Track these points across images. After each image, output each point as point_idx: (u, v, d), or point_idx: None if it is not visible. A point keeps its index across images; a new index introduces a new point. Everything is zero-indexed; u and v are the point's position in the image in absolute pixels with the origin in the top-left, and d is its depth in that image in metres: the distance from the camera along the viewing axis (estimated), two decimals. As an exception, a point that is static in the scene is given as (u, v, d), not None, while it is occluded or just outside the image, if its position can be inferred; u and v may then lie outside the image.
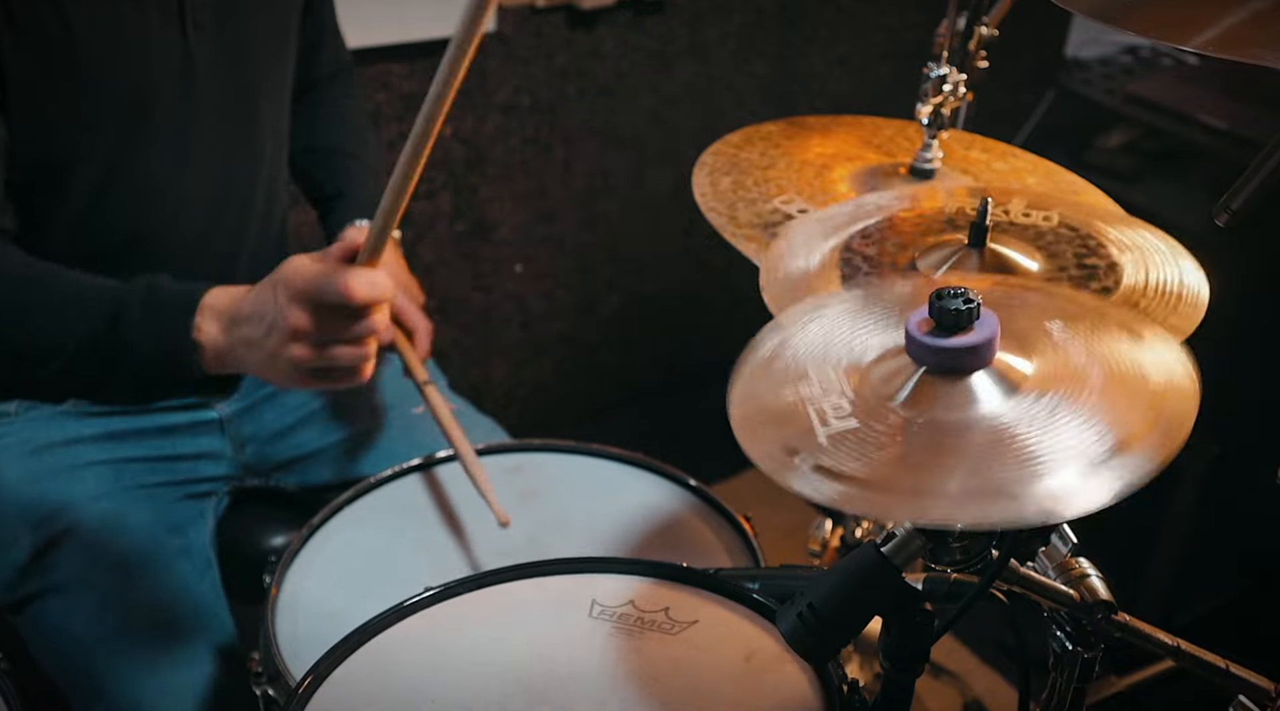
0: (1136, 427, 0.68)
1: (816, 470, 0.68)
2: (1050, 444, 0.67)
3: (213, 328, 0.98)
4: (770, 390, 0.75)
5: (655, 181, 2.18)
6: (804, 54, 2.26)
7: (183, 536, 1.20)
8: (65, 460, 1.17)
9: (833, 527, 1.47)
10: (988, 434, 0.69)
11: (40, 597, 1.12)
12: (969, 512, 0.67)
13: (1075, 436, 0.68)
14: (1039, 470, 0.66)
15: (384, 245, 0.98)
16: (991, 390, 0.71)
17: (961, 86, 1.23)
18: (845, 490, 0.67)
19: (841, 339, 0.78)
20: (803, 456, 0.69)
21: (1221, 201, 0.81)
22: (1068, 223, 1.10)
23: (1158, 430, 0.67)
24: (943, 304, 0.71)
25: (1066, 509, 0.64)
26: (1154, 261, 1.02)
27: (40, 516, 1.14)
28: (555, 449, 1.26)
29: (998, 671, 1.88)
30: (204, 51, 1.11)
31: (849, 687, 0.86)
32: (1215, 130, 1.97)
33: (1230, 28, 0.75)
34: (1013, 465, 0.67)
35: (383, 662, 0.90)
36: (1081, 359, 0.73)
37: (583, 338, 2.25)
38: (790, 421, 0.72)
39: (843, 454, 0.69)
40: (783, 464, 0.69)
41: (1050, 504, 0.64)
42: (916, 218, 1.10)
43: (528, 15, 1.89)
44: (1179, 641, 0.81)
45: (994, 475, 0.67)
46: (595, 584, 0.97)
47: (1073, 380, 0.72)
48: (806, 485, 0.68)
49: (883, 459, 0.69)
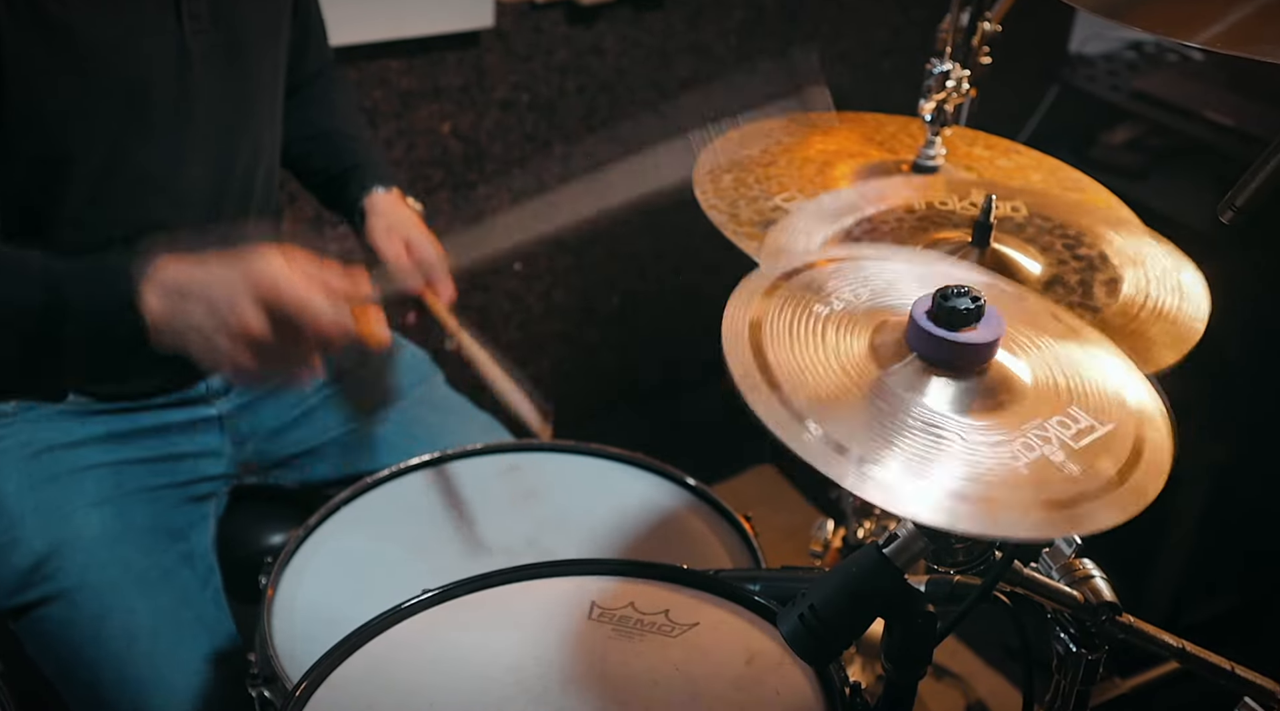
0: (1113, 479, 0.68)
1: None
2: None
3: (158, 302, 0.92)
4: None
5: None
6: (805, 50, 2.25)
7: (185, 542, 1.19)
8: (66, 463, 1.16)
9: (834, 528, 1.46)
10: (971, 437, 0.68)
11: (43, 605, 1.11)
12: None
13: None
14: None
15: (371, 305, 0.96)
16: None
17: (965, 82, 1.22)
18: None
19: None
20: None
21: (1227, 198, 0.80)
22: (1040, 213, 1.10)
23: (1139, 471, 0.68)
24: (948, 303, 0.70)
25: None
26: (1154, 277, 1.02)
27: (42, 522, 1.13)
28: (554, 448, 1.26)
29: (1001, 673, 1.88)
30: (199, 44, 1.10)
31: (851, 690, 0.85)
32: (1221, 126, 1.96)
33: (1237, 23, 0.74)
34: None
35: (380, 665, 0.89)
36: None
37: (582, 337, 2.24)
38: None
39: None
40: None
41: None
42: (917, 216, 1.10)
43: (527, 11, 1.88)
44: (1184, 643, 0.80)
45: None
46: (594, 586, 0.97)
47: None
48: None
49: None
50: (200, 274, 0.93)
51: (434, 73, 1.83)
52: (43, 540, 1.12)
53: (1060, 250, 1.06)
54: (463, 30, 1.82)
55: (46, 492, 1.14)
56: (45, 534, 1.12)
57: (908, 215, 1.09)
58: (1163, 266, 1.04)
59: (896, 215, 1.09)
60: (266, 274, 0.91)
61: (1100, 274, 1.03)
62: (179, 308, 0.92)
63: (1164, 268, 1.04)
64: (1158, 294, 1.01)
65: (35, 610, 1.12)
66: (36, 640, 1.13)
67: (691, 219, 1.18)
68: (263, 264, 0.91)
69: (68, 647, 1.11)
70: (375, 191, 1.33)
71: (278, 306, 0.90)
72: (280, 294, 0.90)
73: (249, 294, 0.90)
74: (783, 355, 0.72)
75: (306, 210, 1.74)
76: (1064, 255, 1.06)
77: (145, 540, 1.15)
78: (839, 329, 0.76)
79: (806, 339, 0.74)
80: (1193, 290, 1.02)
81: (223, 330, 0.91)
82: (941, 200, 1.12)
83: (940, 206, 1.11)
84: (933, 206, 1.11)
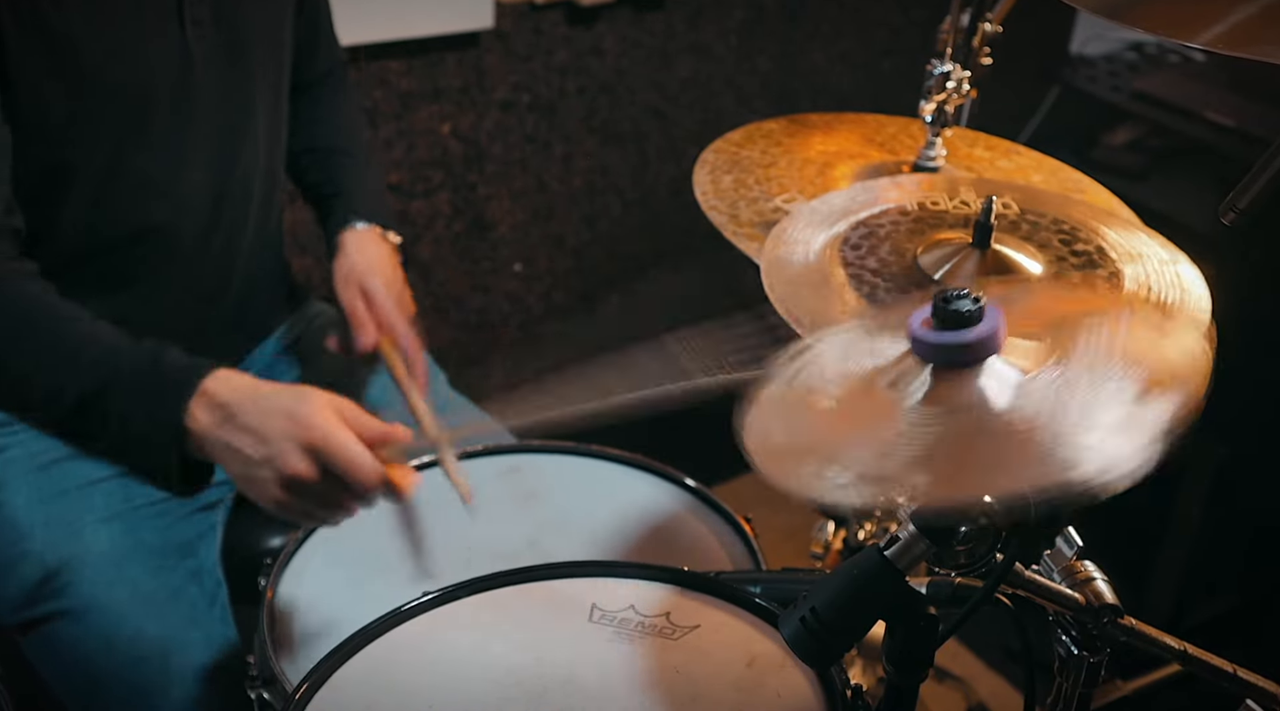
0: (1156, 375, 0.66)
1: (861, 479, 0.67)
2: (1078, 407, 0.65)
3: (206, 417, 0.93)
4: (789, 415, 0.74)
5: (656, 180, 2.17)
6: (806, 50, 2.25)
7: (193, 557, 1.18)
8: (74, 477, 1.15)
9: (835, 530, 1.46)
10: (1008, 415, 0.68)
11: (50, 621, 1.11)
12: (1028, 479, 0.65)
13: (1100, 396, 0.65)
14: (1075, 434, 0.64)
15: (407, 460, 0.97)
16: (1004, 375, 0.70)
17: (965, 83, 1.22)
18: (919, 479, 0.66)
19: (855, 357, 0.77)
20: (837, 470, 0.68)
21: (1228, 199, 0.80)
22: (1033, 210, 1.10)
23: (1176, 378, 0.66)
24: (950, 306, 0.70)
25: (1116, 465, 0.61)
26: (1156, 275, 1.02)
27: (50, 538, 1.12)
28: (554, 450, 1.25)
29: (1002, 676, 1.87)
30: (201, 47, 1.10)
31: (852, 692, 0.85)
32: (1222, 127, 1.96)
33: (1238, 23, 0.74)
34: (1048, 436, 0.65)
35: (380, 667, 0.89)
36: (1083, 334, 0.72)
37: (582, 337, 2.24)
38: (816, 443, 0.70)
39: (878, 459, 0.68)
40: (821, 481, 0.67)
41: (1098, 462, 0.62)
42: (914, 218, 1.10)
43: (527, 12, 1.88)
44: (1186, 645, 0.80)
45: (1032, 448, 0.65)
46: (595, 588, 0.96)
47: (1081, 348, 0.70)
48: (857, 495, 0.67)
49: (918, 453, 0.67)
50: (254, 402, 0.93)
51: (434, 73, 1.83)
52: (52, 555, 1.11)
53: (1058, 246, 1.06)
54: (463, 31, 1.81)
55: (56, 506, 1.14)
56: (55, 548, 1.11)
57: (902, 217, 1.08)
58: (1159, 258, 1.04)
59: (893, 217, 1.08)
60: (320, 424, 0.91)
61: (1100, 270, 1.03)
62: (226, 428, 0.93)
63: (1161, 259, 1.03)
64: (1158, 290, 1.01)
65: (43, 625, 1.11)
66: (43, 654, 1.13)
67: (691, 219, 1.18)
68: (318, 414, 0.92)
69: (75, 664, 1.11)
70: (352, 226, 1.30)
71: (326, 458, 0.91)
72: (330, 448, 0.91)
73: (300, 439, 0.91)
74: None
75: (308, 211, 1.74)
76: (1062, 251, 1.05)
77: (154, 560, 1.15)
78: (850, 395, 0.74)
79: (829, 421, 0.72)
80: (1194, 288, 1.01)
81: (266, 465, 0.92)
82: (934, 200, 1.11)
83: (933, 206, 1.10)
84: (927, 207, 1.10)
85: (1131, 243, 1.06)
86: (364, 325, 1.24)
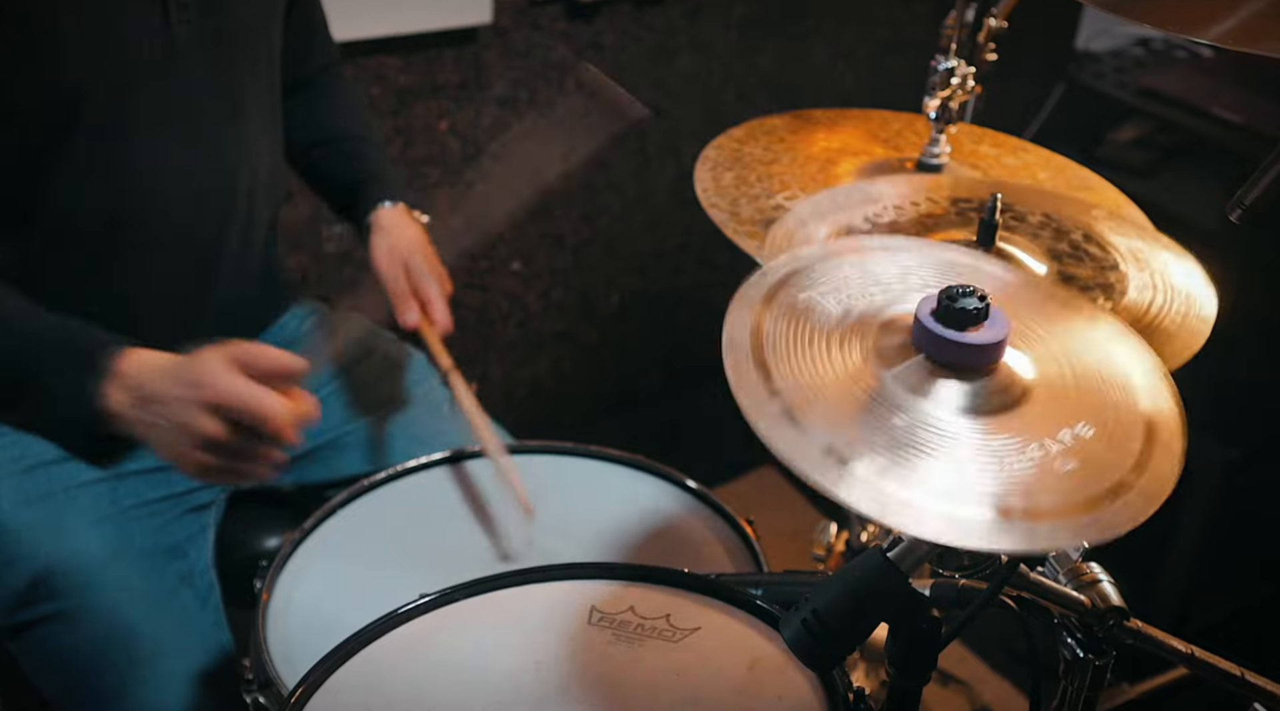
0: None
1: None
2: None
3: (122, 397, 0.98)
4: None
5: (656, 177, 2.16)
6: (808, 46, 2.23)
7: (184, 559, 1.18)
8: (60, 479, 1.14)
9: (838, 532, 1.45)
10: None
11: (41, 624, 1.10)
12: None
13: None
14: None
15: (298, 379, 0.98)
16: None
17: (970, 79, 1.21)
18: None
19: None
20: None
21: (1236, 197, 0.79)
22: (1050, 216, 1.09)
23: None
24: (954, 304, 0.69)
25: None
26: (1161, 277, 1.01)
27: (38, 541, 1.11)
28: (553, 450, 1.25)
29: (1007, 679, 1.87)
30: (184, 34, 1.09)
31: (854, 696, 0.84)
32: (1230, 124, 1.95)
33: (1246, 19, 0.73)
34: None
35: (377, 671, 0.88)
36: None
37: (582, 337, 2.23)
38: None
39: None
40: None
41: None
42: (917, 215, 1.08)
43: (525, 7, 1.87)
44: (1193, 648, 0.80)
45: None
46: (594, 590, 0.95)
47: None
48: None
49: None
50: (159, 377, 0.98)
51: (431, 69, 1.82)
52: (41, 558, 1.10)
53: (1062, 246, 1.05)
54: (461, 26, 1.80)
55: (42, 509, 1.12)
56: (43, 552, 1.10)
57: (903, 216, 1.07)
58: (1165, 260, 1.03)
59: (892, 216, 1.07)
60: (211, 381, 0.95)
61: (1104, 268, 1.02)
62: (141, 412, 0.98)
63: (1166, 260, 1.02)
64: (1164, 294, 1.00)
65: (33, 629, 1.10)
66: (34, 658, 1.12)
67: (692, 218, 1.17)
68: (207, 372, 0.95)
69: (67, 667, 1.10)
70: (382, 206, 1.33)
71: (229, 412, 0.95)
72: (228, 400, 0.94)
73: (199, 400, 0.95)
74: (784, 367, 0.70)
75: (302, 209, 1.73)
76: (1063, 249, 1.04)
77: (145, 562, 1.14)
78: (843, 338, 0.74)
79: (808, 349, 0.72)
80: (1199, 289, 1.00)
81: (183, 435, 0.96)
82: (932, 197, 1.10)
83: (933, 204, 1.09)
84: (934, 204, 1.09)
85: (1137, 244, 1.05)
86: (407, 301, 1.26)
